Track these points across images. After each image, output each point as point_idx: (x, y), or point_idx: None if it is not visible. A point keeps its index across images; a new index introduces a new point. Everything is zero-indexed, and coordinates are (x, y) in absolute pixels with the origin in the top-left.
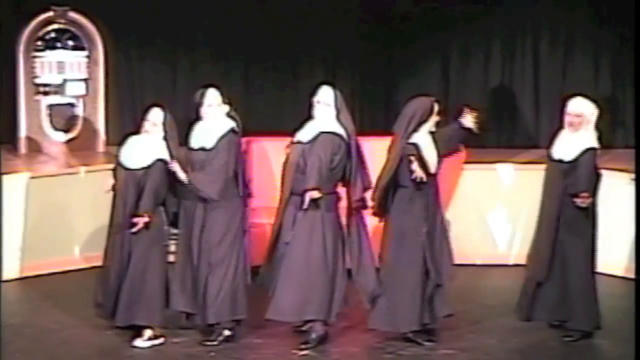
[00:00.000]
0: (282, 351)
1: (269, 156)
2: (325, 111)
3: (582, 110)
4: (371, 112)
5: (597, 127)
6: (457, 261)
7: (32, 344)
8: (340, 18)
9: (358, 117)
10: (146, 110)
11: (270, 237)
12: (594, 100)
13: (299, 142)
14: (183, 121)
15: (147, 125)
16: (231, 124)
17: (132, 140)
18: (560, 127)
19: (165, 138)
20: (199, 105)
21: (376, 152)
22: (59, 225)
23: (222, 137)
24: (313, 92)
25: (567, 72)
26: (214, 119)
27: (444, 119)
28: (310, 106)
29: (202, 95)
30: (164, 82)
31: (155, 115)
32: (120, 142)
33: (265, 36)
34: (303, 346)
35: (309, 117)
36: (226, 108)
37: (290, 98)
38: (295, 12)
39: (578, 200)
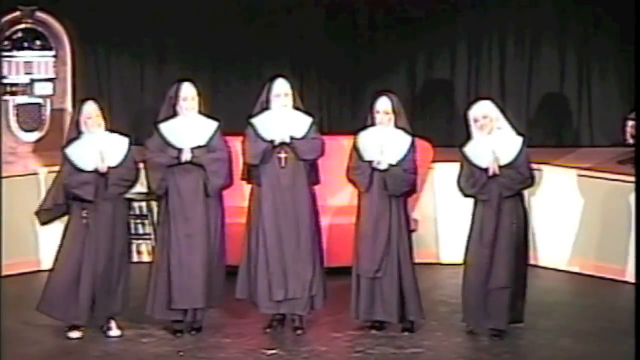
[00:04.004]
0: (250, 350)
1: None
2: (289, 102)
3: (486, 111)
4: (338, 112)
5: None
6: (423, 260)
7: None
8: (307, 20)
9: (326, 116)
10: (80, 107)
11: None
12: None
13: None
14: (151, 121)
15: (93, 121)
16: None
17: (92, 142)
18: (467, 138)
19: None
20: (175, 100)
21: (344, 150)
22: (24, 226)
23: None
24: (269, 89)
25: (533, 73)
26: (192, 114)
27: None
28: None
29: (177, 89)
30: (132, 82)
31: (94, 109)
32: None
33: (232, 37)
34: (299, 332)
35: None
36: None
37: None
38: (263, 13)
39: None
